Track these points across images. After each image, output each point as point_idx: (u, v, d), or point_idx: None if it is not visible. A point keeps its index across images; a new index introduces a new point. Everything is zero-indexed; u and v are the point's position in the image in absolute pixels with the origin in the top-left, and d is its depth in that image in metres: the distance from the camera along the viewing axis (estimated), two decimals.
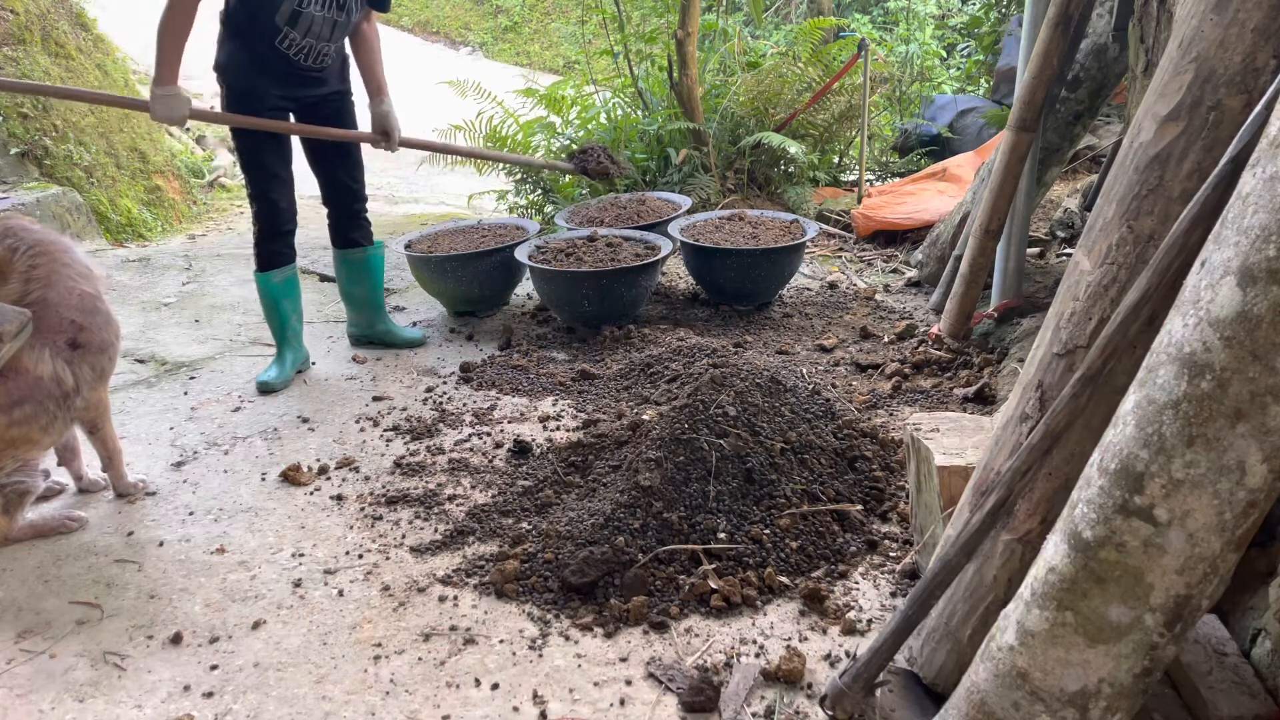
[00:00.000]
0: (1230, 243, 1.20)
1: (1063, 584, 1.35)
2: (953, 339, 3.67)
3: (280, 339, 3.73)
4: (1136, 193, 1.56)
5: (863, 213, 5.47)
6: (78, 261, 2.66)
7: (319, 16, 3.21)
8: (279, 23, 3.17)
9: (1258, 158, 1.20)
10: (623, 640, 2.13)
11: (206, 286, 5.06)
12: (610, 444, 2.86)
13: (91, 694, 2.02)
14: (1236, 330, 1.18)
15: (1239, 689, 1.58)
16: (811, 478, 2.60)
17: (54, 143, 5.94)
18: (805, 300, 4.53)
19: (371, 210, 3.94)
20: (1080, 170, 5.40)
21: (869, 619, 2.17)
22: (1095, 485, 1.33)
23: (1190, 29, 1.52)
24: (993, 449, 1.80)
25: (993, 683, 1.43)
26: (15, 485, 2.57)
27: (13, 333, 2.38)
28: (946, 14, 9.57)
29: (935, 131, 6.63)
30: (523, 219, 4.95)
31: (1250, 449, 1.19)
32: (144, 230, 6.35)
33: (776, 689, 1.95)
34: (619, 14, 6.59)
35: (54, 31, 6.46)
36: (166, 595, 2.36)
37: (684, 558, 2.35)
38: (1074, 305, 1.65)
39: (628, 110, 6.50)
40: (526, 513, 2.66)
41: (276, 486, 2.91)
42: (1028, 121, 3.33)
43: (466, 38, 14.81)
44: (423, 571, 2.43)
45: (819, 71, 6.28)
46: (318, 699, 1.98)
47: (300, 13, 3.17)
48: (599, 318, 4.10)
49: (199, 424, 3.38)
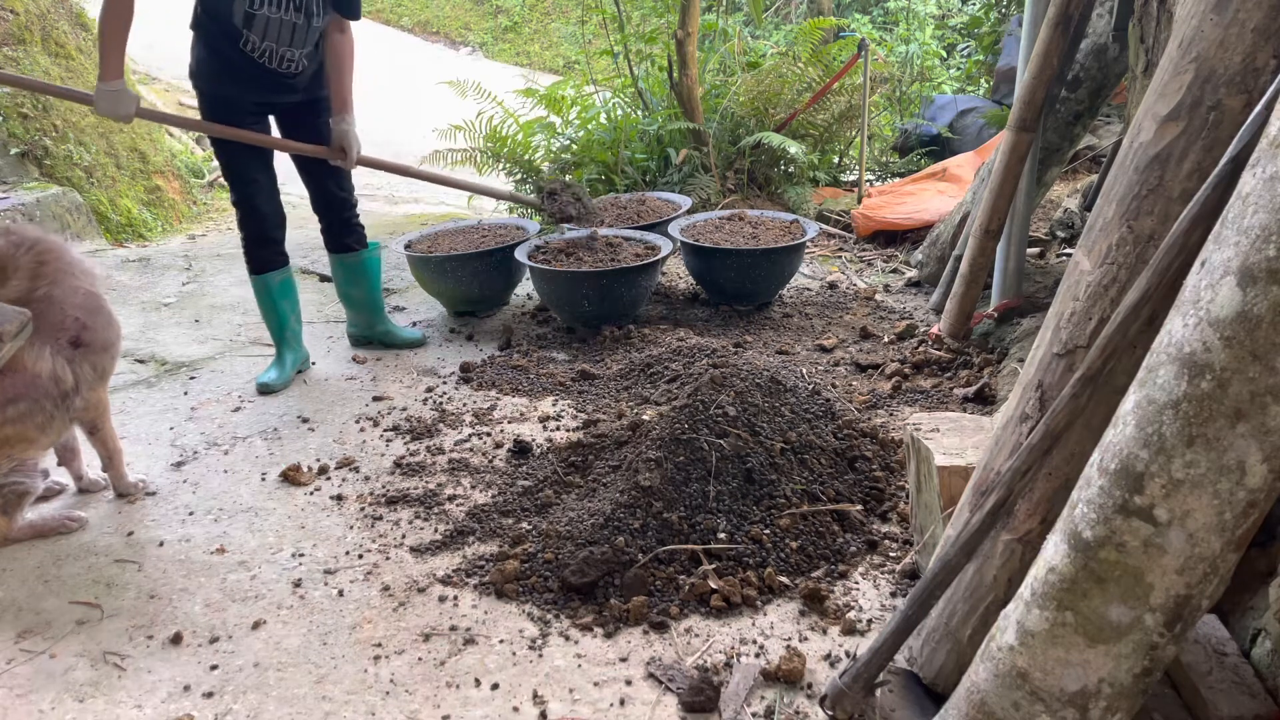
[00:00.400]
0: (1230, 243, 1.20)
1: (1063, 584, 1.35)
2: (953, 339, 3.67)
3: (279, 340, 3.73)
4: (1136, 193, 1.56)
5: (863, 213, 5.47)
6: (79, 261, 2.67)
7: (274, 19, 3.11)
8: (237, 24, 3.11)
9: (1258, 158, 1.20)
10: (623, 640, 2.13)
11: (206, 286, 5.06)
12: (610, 444, 2.86)
13: (91, 694, 2.02)
14: (1236, 330, 1.18)
15: (1239, 689, 1.58)
16: (811, 478, 2.60)
17: (54, 143, 5.94)
18: (805, 300, 4.53)
19: (371, 210, 3.95)
20: (1080, 170, 5.40)
21: (869, 619, 2.17)
22: (1095, 485, 1.33)
23: (1190, 29, 1.52)
24: (993, 449, 1.80)
25: (993, 683, 1.43)
26: (15, 485, 2.57)
27: (13, 333, 2.38)
28: (946, 14, 9.57)
29: (935, 131, 6.63)
30: (523, 219, 4.95)
31: (1250, 449, 1.19)
32: (144, 230, 6.35)
33: (776, 689, 1.95)
34: (619, 14, 6.58)
35: (54, 31, 6.45)
36: (166, 595, 2.36)
37: (684, 558, 2.35)
38: (1074, 305, 1.65)
39: (628, 110, 6.49)
40: (526, 513, 2.66)
41: (276, 486, 2.91)
42: (1028, 121, 3.33)
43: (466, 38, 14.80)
44: (423, 571, 2.43)
45: (819, 71, 6.28)
46: (318, 699, 1.98)
47: (254, 15, 3.09)
48: (599, 318, 4.10)
49: (199, 424, 3.38)
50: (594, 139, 6.22)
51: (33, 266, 2.53)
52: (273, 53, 3.19)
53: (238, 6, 3.07)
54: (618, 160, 6.00)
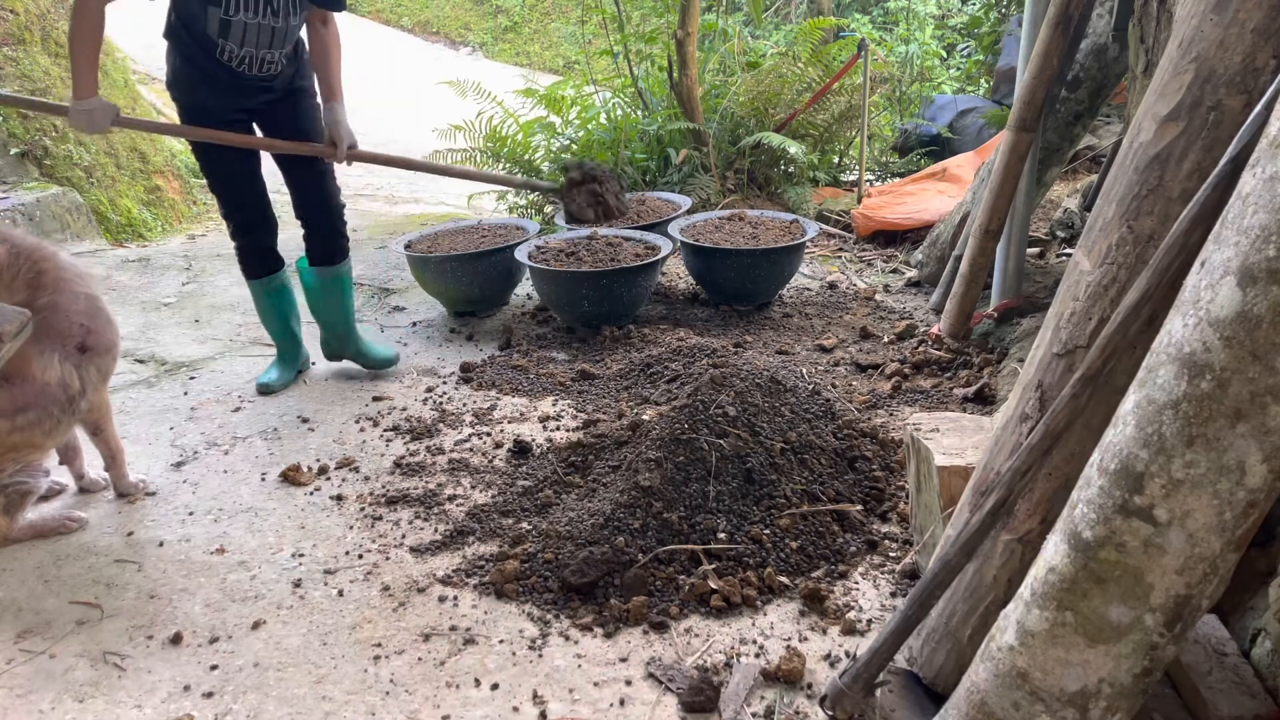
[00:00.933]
0: (1230, 243, 1.20)
1: (1063, 584, 1.35)
2: (953, 339, 3.67)
3: (279, 341, 3.72)
4: (1136, 193, 1.56)
5: (863, 213, 5.47)
6: (75, 265, 2.67)
7: (251, 24, 2.99)
8: (211, 34, 2.99)
9: (1258, 158, 1.20)
10: (623, 640, 2.13)
11: (206, 286, 5.06)
12: (610, 444, 2.87)
13: (91, 694, 2.02)
14: (1236, 330, 1.18)
15: (1239, 689, 1.58)
16: (811, 478, 2.60)
17: (54, 143, 5.94)
18: (805, 300, 4.53)
19: (371, 210, 3.92)
20: (1080, 170, 5.40)
21: (869, 619, 2.17)
22: (1095, 485, 1.33)
23: (1190, 29, 1.52)
24: (993, 449, 1.80)
25: (993, 683, 1.43)
26: (17, 486, 2.57)
27: (13, 332, 2.38)
28: (946, 14, 9.57)
29: (935, 131, 6.63)
30: (523, 219, 4.95)
31: (1250, 449, 1.19)
32: (144, 230, 6.34)
33: (776, 689, 1.95)
34: (619, 14, 6.58)
35: (54, 32, 6.45)
36: (166, 595, 2.36)
37: (684, 558, 2.35)
38: (1074, 305, 1.65)
39: (628, 110, 6.49)
40: (526, 513, 2.66)
41: (276, 486, 2.91)
42: (1028, 121, 3.33)
43: (466, 38, 14.80)
44: (423, 571, 2.43)
45: (819, 71, 6.28)
46: (318, 699, 1.98)
47: (229, 21, 2.97)
48: (599, 318, 4.10)
49: (199, 424, 3.38)
50: (594, 139, 6.22)
51: (31, 275, 2.53)
52: (252, 58, 3.08)
53: (212, 15, 2.95)
54: (618, 160, 6.00)
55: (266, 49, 3.08)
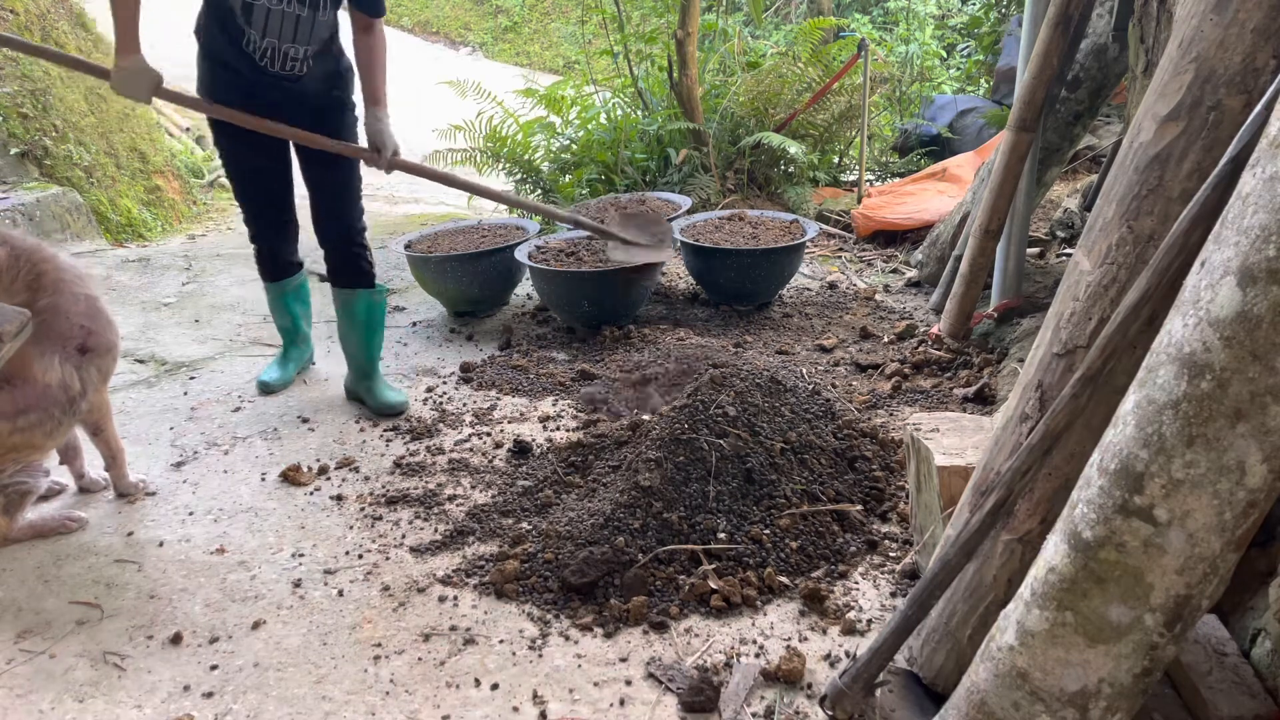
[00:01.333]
0: (1230, 243, 1.20)
1: (1063, 584, 1.35)
2: (953, 339, 3.67)
3: (288, 340, 3.72)
4: (1136, 193, 1.56)
5: (863, 213, 5.47)
6: (73, 266, 2.67)
7: (274, 10, 2.93)
8: (239, 21, 2.94)
9: (1258, 158, 1.20)
10: (623, 640, 2.13)
11: (206, 286, 5.06)
12: (610, 444, 2.87)
13: (91, 694, 2.02)
14: (1236, 330, 1.18)
15: (1239, 689, 1.58)
16: (811, 478, 2.60)
17: (54, 143, 5.94)
18: (805, 300, 4.53)
19: (371, 210, 3.86)
20: (1080, 170, 5.40)
21: (869, 619, 2.17)
22: (1095, 485, 1.33)
23: (1190, 29, 1.52)
24: (993, 449, 1.80)
25: (993, 683, 1.43)
26: (17, 486, 2.57)
27: (13, 332, 2.38)
28: (946, 14, 9.58)
29: (935, 131, 6.63)
30: (523, 219, 4.95)
31: (1250, 449, 1.19)
32: (144, 230, 6.34)
33: (776, 689, 1.95)
34: (619, 14, 6.59)
35: (54, 31, 6.45)
36: (166, 595, 2.36)
37: (684, 558, 2.35)
38: (1074, 305, 1.65)
39: (628, 110, 6.50)
40: (526, 513, 2.66)
41: (276, 486, 2.91)
42: (1028, 121, 3.33)
43: (466, 38, 14.81)
44: (423, 571, 2.43)
45: (819, 71, 6.28)
46: (318, 699, 1.98)
47: (253, 5, 2.91)
48: (599, 318, 4.10)
49: (199, 424, 3.38)
50: (594, 139, 6.22)
51: (31, 277, 2.53)
52: (275, 50, 3.02)
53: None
54: (617, 160, 6.00)
55: (290, 41, 3.01)
